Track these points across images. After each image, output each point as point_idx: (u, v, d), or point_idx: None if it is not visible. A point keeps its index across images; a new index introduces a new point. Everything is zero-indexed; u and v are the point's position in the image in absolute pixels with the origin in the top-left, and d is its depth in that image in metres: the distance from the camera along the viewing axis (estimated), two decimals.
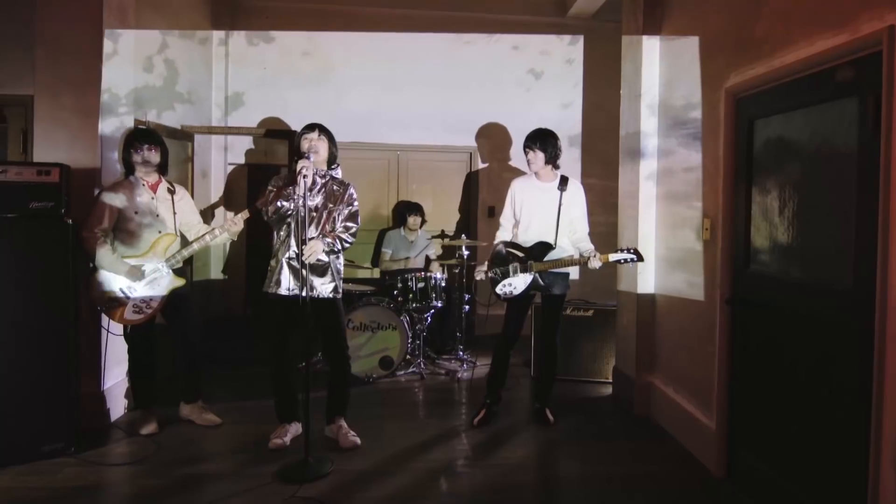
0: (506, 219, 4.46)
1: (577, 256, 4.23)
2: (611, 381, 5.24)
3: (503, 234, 4.45)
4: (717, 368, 3.60)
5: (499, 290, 4.31)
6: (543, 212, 4.28)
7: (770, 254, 3.18)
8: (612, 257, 4.16)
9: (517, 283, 4.25)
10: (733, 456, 3.51)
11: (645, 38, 4.64)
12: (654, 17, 4.60)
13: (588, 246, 4.26)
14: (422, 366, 5.58)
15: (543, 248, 4.25)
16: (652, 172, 4.63)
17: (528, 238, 4.31)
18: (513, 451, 3.97)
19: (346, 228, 3.86)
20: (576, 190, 4.36)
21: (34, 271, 3.60)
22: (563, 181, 4.32)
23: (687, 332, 4.08)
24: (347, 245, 3.86)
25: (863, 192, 2.48)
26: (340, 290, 3.90)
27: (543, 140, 4.28)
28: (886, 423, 2.33)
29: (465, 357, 5.86)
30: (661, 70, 4.58)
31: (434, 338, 6.15)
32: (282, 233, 3.80)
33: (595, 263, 4.12)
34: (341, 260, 3.95)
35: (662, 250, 4.52)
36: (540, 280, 4.23)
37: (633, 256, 4.15)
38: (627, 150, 4.90)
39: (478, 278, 4.49)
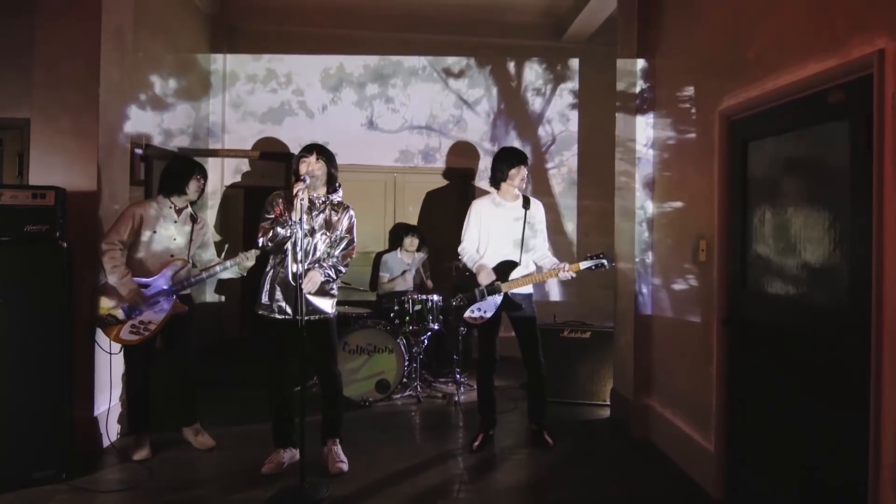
0: (471, 241, 4.37)
1: (545, 270, 4.22)
2: (608, 403, 5.21)
3: (473, 256, 4.33)
4: (714, 389, 3.58)
5: (468, 315, 4.25)
6: (509, 231, 4.29)
7: (766, 274, 3.18)
8: (583, 265, 4.16)
9: (486, 306, 4.23)
10: (732, 478, 3.48)
11: (639, 61, 4.68)
12: (648, 41, 4.65)
13: (552, 259, 4.31)
14: (418, 389, 5.54)
15: (508, 266, 4.24)
16: (648, 193, 4.65)
17: (492, 259, 4.28)
18: (510, 475, 3.94)
19: (342, 258, 3.87)
20: (538, 208, 4.41)
21: (28, 295, 3.58)
22: (527, 200, 4.36)
23: (684, 353, 4.07)
24: (342, 273, 3.88)
25: (856, 213, 2.50)
26: (335, 310, 3.91)
27: (524, 157, 4.34)
28: (885, 441, 2.32)
29: (462, 380, 5.82)
30: (655, 92, 4.61)
31: (431, 360, 6.12)
32: (277, 255, 3.79)
33: (566, 275, 4.12)
34: (337, 282, 3.95)
35: (659, 271, 4.52)
36: (508, 300, 4.23)
37: (604, 261, 4.14)
38: (623, 171, 4.91)
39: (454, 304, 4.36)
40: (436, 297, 5.57)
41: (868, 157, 2.40)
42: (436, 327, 5.53)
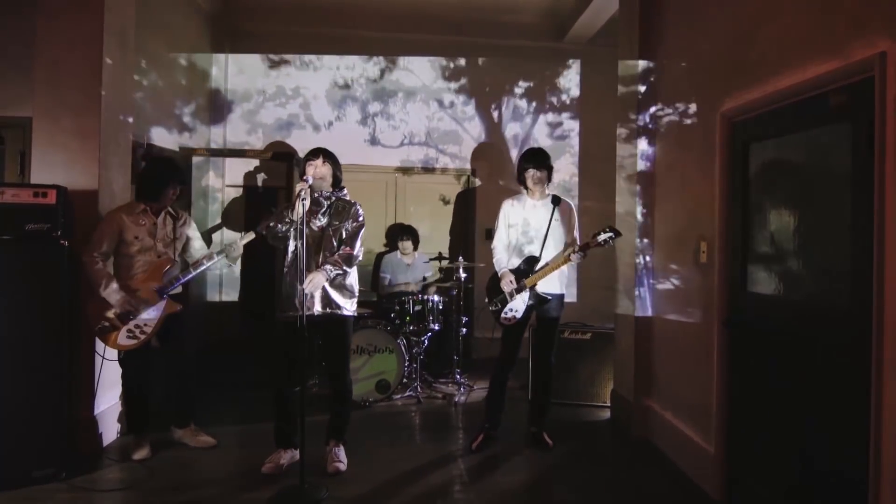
0: (501, 241, 4.41)
1: (559, 258, 4.20)
2: (609, 404, 5.21)
3: (501, 260, 4.37)
4: (715, 391, 3.58)
5: (503, 317, 4.28)
6: (536, 229, 4.30)
7: (767, 275, 3.18)
8: (594, 241, 4.09)
9: (517, 305, 4.23)
10: (732, 480, 3.47)
11: (641, 62, 4.68)
12: (649, 42, 4.65)
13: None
14: (419, 389, 5.54)
15: (531, 262, 4.25)
16: (649, 195, 4.64)
17: (520, 256, 4.30)
18: (510, 476, 3.93)
19: (351, 240, 3.88)
20: (567, 207, 4.41)
21: (29, 293, 3.58)
22: (556, 199, 4.37)
23: (685, 354, 4.06)
24: (353, 260, 3.87)
25: (857, 215, 2.49)
26: (354, 309, 3.94)
27: (545, 158, 4.35)
28: (885, 442, 2.32)
29: (463, 381, 5.82)
30: (656, 94, 4.61)
31: (431, 361, 6.12)
32: (288, 256, 3.82)
33: (576, 257, 4.12)
34: (355, 277, 3.96)
35: (660, 272, 4.52)
36: (538, 296, 4.22)
37: (612, 234, 4.10)
38: (624, 172, 4.91)
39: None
40: (436, 298, 5.57)
41: (869, 159, 2.40)
42: (436, 328, 5.53)
